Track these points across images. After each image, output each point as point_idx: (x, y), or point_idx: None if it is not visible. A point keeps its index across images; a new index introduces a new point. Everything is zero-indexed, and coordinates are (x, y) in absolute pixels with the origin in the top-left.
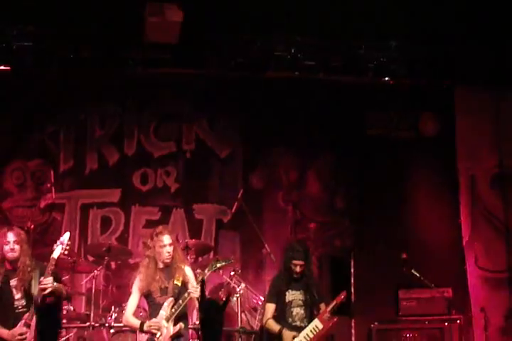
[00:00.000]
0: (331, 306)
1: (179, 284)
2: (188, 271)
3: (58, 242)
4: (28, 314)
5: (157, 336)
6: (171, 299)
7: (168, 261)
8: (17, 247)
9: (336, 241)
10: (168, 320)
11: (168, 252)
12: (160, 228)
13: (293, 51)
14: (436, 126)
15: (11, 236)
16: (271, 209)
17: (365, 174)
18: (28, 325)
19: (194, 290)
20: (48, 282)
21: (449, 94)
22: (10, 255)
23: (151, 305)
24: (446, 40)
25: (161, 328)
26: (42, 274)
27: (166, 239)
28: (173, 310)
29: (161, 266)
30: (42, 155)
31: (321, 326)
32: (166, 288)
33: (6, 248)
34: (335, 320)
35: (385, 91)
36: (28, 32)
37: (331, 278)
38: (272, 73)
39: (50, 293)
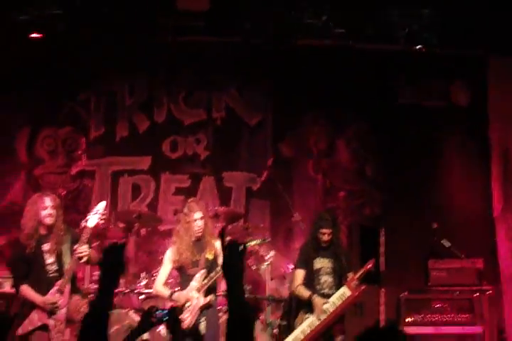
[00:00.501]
0: (358, 274)
1: (210, 258)
2: (218, 245)
3: (94, 211)
4: (61, 280)
5: (187, 306)
6: (204, 271)
7: (199, 234)
8: (54, 212)
9: (366, 210)
10: (198, 291)
11: (199, 226)
12: (191, 203)
13: (324, 19)
14: (469, 96)
15: (48, 201)
16: (300, 177)
17: (395, 143)
18: (61, 292)
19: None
20: (84, 250)
21: (481, 64)
22: (48, 220)
23: (181, 276)
24: (479, 8)
25: (191, 299)
26: (74, 240)
27: (197, 214)
28: (204, 281)
29: (192, 239)
30: (73, 122)
31: (348, 293)
32: (198, 261)
33: (44, 213)
34: (363, 287)
35: (417, 60)
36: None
37: (360, 246)
38: (303, 41)
39: (86, 261)
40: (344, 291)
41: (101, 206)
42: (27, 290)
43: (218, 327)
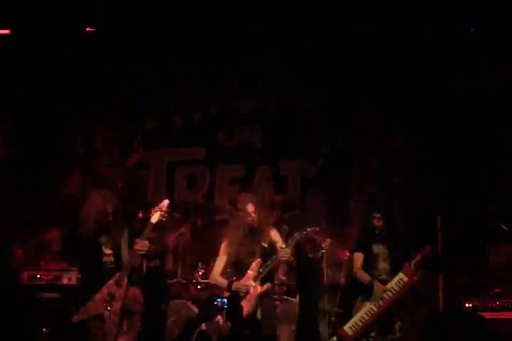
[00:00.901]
0: (415, 260)
1: (266, 246)
2: (274, 233)
3: (157, 207)
4: (119, 273)
5: (244, 294)
6: (259, 259)
7: (253, 225)
8: (112, 205)
9: (423, 195)
10: (255, 280)
11: (253, 219)
12: (243, 197)
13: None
14: None
15: (106, 195)
16: (356, 165)
17: (452, 128)
18: (118, 284)
19: (282, 253)
20: (145, 245)
21: None
22: (106, 213)
23: (237, 266)
24: None
25: (248, 288)
26: (132, 233)
27: (250, 207)
28: (260, 270)
29: (246, 231)
30: (128, 114)
31: (405, 279)
32: (253, 251)
33: (103, 206)
34: (420, 273)
35: (474, 43)
36: None
37: (417, 232)
38: (356, 27)
39: (145, 255)
40: (401, 277)
41: (165, 203)
42: None
43: (275, 316)
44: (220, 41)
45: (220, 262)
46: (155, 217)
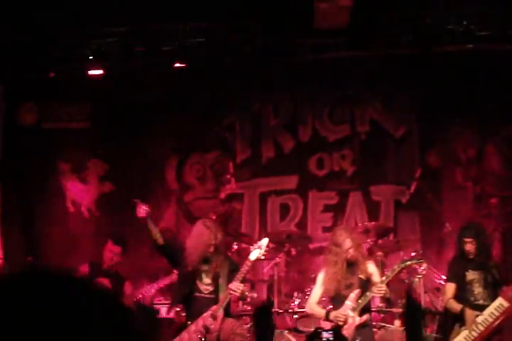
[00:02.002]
0: None
1: (363, 278)
2: (371, 266)
3: (256, 246)
4: (215, 306)
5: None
6: (358, 291)
7: (351, 261)
8: (216, 237)
9: None
10: (353, 311)
11: (351, 254)
12: (338, 234)
13: (465, 23)
14: None
15: (211, 227)
16: (450, 186)
17: None
18: (214, 317)
19: (378, 290)
20: (238, 288)
21: None
22: (210, 244)
23: (335, 296)
24: None
25: (346, 318)
26: (232, 268)
27: (347, 244)
28: (359, 301)
29: (344, 266)
30: (219, 146)
31: (506, 304)
32: (351, 283)
33: (207, 238)
34: None
35: None
36: (200, 28)
37: None
38: (445, 47)
39: (237, 298)
40: (501, 303)
41: (264, 242)
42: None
43: None
44: (308, 68)
45: (317, 291)
46: (254, 255)
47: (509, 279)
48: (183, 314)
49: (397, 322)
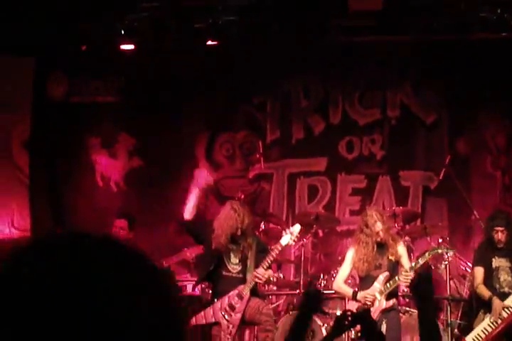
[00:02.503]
0: None
1: (393, 259)
2: (401, 249)
3: (288, 231)
4: (243, 286)
5: (368, 306)
6: (387, 273)
7: (381, 242)
8: (244, 218)
9: None
10: (381, 294)
11: (381, 237)
12: (369, 215)
13: (499, 11)
14: None
15: (239, 208)
16: (479, 174)
17: None
18: (240, 297)
19: (404, 277)
20: (264, 275)
21: None
22: (244, 225)
23: (363, 277)
24: None
25: (374, 300)
26: (260, 249)
27: (378, 226)
28: (387, 285)
29: (375, 247)
30: (249, 126)
31: None
32: (380, 264)
33: (237, 219)
34: None
35: None
36: (233, 6)
37: None
38: (478, 35)
39: (262, 283)
40: None
41: (296, 229)
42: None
43: (400, 329)
44: (341, 51)
45: (345, 269)
46: (285, 240)
47: None
48: (210, 291)
49: None
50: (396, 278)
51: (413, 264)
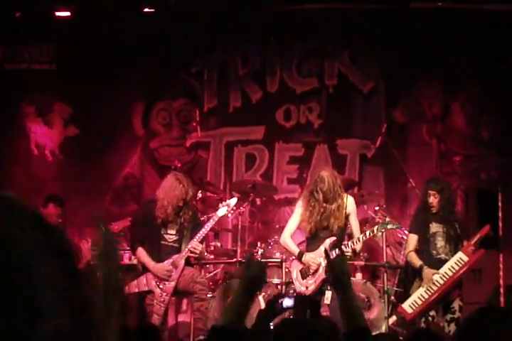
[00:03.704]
0: (474, 239)
1: (342, 226)
2: (350, 202)
3: (224, 203)
4: (177, 255)
5: (310, 272)
6: (334, 238)
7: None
8: (188, 191)
9: (483, 174)
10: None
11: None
12: (322, 177)
13: None
14: None
15: (184, 181)
16: (415, 143)
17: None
18: (175, 266)
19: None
20: (197, 248)
21: None
22: (182, 198)
23: (309, 237)
24: None
25: (318, 267)
26: (195, 224)
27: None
28: (333, 252)
29: (322, 207)
30: (187, 94)
31: (466, 259)
32: (328, 225)
33: (180, 192)
34: (480, 252)
35: None
36: None
37: (478, 211)
38: (415, 4)
39: (195, 257)
40: (461, 257)
41: (232, 201)
42: (142, 254)
43: None
44: (278, 20)
45: (293, 223)
46: (221, 211)
47: (470, 235)
48: None
49: (359, 275)
50: (341, 249)
51: (360, 237)
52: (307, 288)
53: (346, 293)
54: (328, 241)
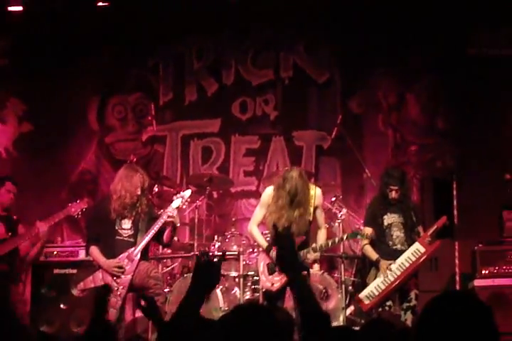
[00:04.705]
0: (431, 230)
1: (309, 219)
2: (318, 195)
3: (179, 195)
4: (133, 249)
5: (277, 268)
6: (304, 237)
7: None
8: (143, 184)
9: (438, 163)
10: None
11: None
12: (291, 176)
13: None
14: None
15: (139, 173)
16: (371, 133)
17: (466, 95)
18: (130, 259)
19: (310, 255)
20: (174, 212)
21: None
22: (136, 191)
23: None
24: None
25: None
26: (151, 218)
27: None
28: (300, 253)
29: (287, 200)
30: (142, 88)
31: (422, 249)
32: (294, 220)
33: (135, 185)
34: (437, 243)
35: (488, 7)
36: None
37: (433, 200)
38: None
39: (170, 221)
40: (417, 248)
41: (187, 193)
42: (94, 251)
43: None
44: (232, 12)
45: (260, 212)
46: (175, 203)
47: (425, 224)
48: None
49: (316, 266)
50: (305, 250)
51: (323, 244)
52: (273, 284)
53: (294, 273)
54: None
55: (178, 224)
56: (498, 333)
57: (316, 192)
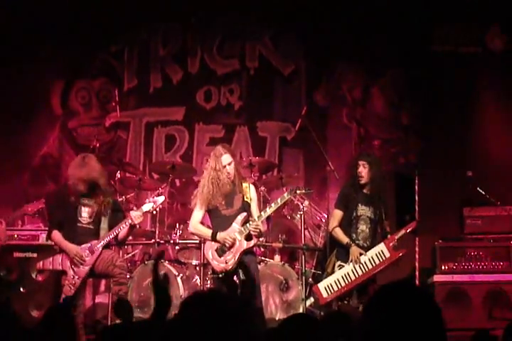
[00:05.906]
0: (399, 234)
1: (248, 201)
2: (252, 189)
3: (151, 199)
4: (96, 241)
5: (226, 247)
6: (245, 214)
7: (229, 179)
8: (101, 172)
9: (401, 159)
10: (241, 234)
11: (228, 172)
12: (219, 148)
13: None
14: (505, 41)
15: (95, 162)
16: (335, 126)
17: (430, 90)
18: (91, 251)
19: (253, 227)
20: (140, 219)
21: None
22: (95, 178)
23: (215, 219)
24: None
25: (234, 242)
26: (114, 208)
27: (226, 158)
28: (246, 226)
29: (222, 182)
30: (106, 74)
31: (387, 254)
32: (231, 203)
33: (93, 171)
34: (403, 251)
35: (452, 4)
36: None
37: (395, 195)
38: None
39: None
40: (382, 250)
41: (160, 199)
42: (57, 236)
43: (258, 272)
44: (198, 1)
45: (197, 214)
46: (146, 207)
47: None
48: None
49: (277, 257)
50: (247, 224)
51: (262, 213)
52: (227, 263)
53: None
54: (239, 218)
55: (138, 226)
56: (443, 328)
57: (249, 187)
